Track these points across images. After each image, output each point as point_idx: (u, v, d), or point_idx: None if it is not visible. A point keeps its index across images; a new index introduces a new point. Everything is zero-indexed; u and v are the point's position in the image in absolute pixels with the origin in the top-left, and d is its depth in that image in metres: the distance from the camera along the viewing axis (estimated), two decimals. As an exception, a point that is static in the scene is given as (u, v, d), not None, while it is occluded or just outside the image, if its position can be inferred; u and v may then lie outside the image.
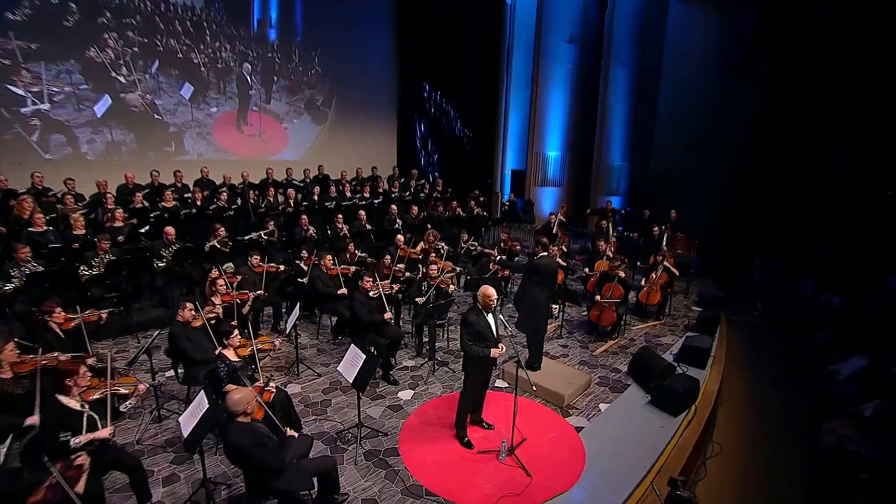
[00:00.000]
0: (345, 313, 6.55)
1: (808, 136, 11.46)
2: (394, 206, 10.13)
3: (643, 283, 8.01)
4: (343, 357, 4.42)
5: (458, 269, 7.87)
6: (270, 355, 4.47)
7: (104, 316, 4.75)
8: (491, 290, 4.21)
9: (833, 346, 7.72)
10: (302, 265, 7.29)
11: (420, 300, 6.18)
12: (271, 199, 9.43)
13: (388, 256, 7.31)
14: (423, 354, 6.36)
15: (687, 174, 13.90)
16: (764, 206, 12.85)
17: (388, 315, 5.65)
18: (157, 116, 10.57)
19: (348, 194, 10.66)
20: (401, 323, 7.10)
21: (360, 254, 8.05)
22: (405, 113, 14.54)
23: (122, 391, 3.59)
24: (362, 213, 9.58)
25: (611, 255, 8.51)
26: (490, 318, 4.29)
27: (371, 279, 5.79)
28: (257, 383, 3.92)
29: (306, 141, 13.17)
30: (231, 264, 7.72)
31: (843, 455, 5.40)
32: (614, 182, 14.64)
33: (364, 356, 4.17)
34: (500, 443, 4.50)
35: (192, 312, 4.56)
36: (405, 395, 5.36)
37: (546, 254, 5.68)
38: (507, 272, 7.81)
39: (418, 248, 8.87)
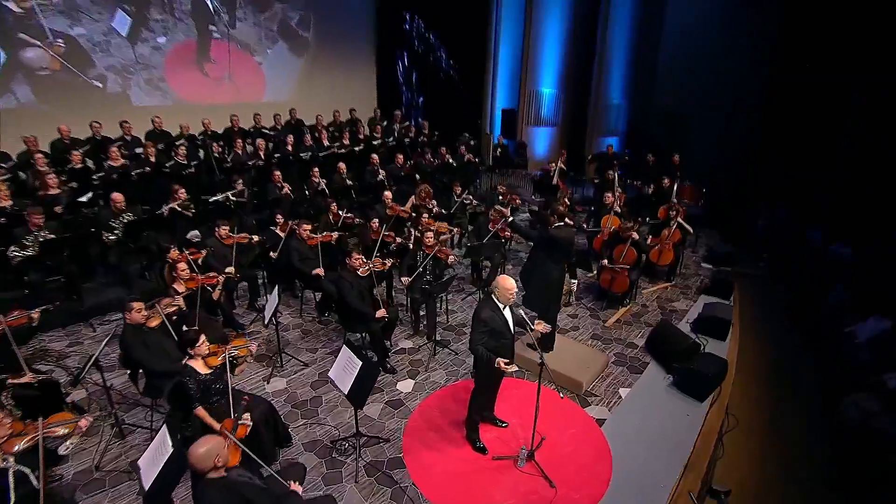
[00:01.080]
0: (330, 288, 5.81)
1: (827, 74, 10.56)
2: (375, 156, 9.10)
3: (650, 240, 7.30)
4: (333, 359, 3.76)
5: (453, 230, 7.09)
6: (248, 361, 3.79)
7: (35, 317, 3.90)
8: (511, 282, 3.50)
9: (848, 305, 7.40)
10: (277, 231, 6.44)
11: (406, 279, 5.47)
12: (239, 152, 8.27)
13: (375, 220, 6.45)
14: (420, 332, 5.75)
15: (691, 114, 12.98)
16: (774, 151, 12.16)
17: (380, 313, 4.91)
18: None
19: (326, 143, 9.53)
20: (393, 294, 6.40)
21: (343, 214, 7.16)
22: (385, 47, 12.93)
23: (60, 431, 2.87)
24: (342, 164, 8.56)
25: (619, 210, 7.84)
26: (507, 313, 3.62)
27: (360, 257, 4.99)
28: (227, 420, 3.23)
29: (286, 79, 11.51)
30: (197, 232, 6.82)
31: (869, 433, 5.15)
32: (612, 121, 13.68)
33: (360, 362, 3.49)
34: (515, 444, 4.02)
35: (143, 313, 3.74)
36: (405, 386, 4.79)
37: (563, 224, 4.95)
38: (508, 232, 7.07)
39: (408, 204, 8.01)
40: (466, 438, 4.07)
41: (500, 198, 8.33)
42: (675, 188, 8.51)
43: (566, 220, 5.15)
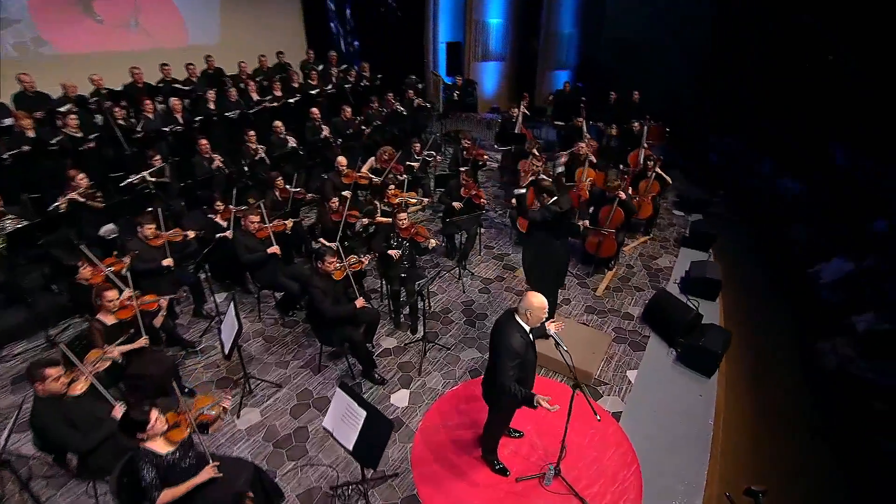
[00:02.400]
0: (291, 286, 4.98)
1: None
2: (315, 109, 7.84)
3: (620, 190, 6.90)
4: (308, 373, 3.10)
5: (424, 199, 6.29)
6: (222, 418, 3.02)
7: None
8: (543, 301, 2.90)
9: (810, 245, 7.61)
10: (218, 220, 5.35)
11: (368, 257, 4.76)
12: (150, 116, 6.72)
13: (334, 199, 5.48)
14: (402, 325, 5.13)
15: (643, 43, 12.44)
16: (723, 81, 12.03)
17: (360, 303, 4.19)
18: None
19: (255, 96, 8.06)
20: (364, 287, 5.64)
21: (292, 189, 6.11)
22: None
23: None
24: (279, 123, 7.27)
25: (594, 161, 7.36)
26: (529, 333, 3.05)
27: (333, 260, 4.13)
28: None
29: (209, 18, 9.43)
30: (112, 227, 5.55)
31: (848, 379, 5.33)
32: (563, 54, 12.84)
33: (364, 412, 2.84)
34: (535, 457, 3.67)
35: (62, 380, 2.79)
36: (399, 399, 4.22)
37: (556, 197, 4.36)
38: (484, 199, 6.39)
39: (365, 166, 7.02)
40: (483, 460, 3.65)
41: (465, 153, 7.54)
42: (645, 132, 8.08)
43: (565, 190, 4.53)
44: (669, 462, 3.70)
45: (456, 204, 6.20)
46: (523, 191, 5.01)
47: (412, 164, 7.29)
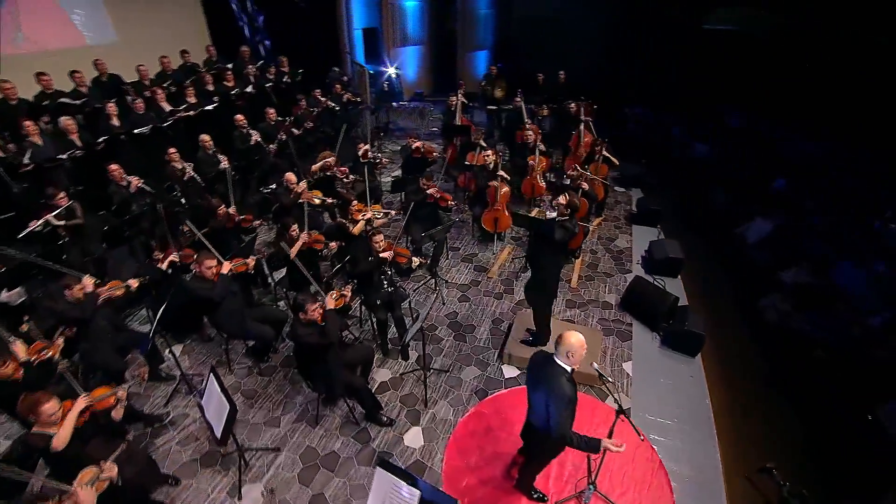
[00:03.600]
0: (265, 332, 4.45)
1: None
2: (240, 116, 7.02)
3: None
4: (306, 427, 2.76)
5: (391, 212, 5.90)
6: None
7: None
8: (581, 338, 2.77)
9: (731, 207, 8.32)
10: (160, 265, 4.60)
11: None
12: (37, 141, 5.52)
13: (294, 227, 4.91)
14: (390, 352, 4.83)
15: (552, 19, 12.66)
16: (629, 51, 12.68)
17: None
18: None
19: (166, 106, 6.98)
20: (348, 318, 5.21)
21: (235, 214, 5.44)
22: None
23: None
24: (206, 138, 6.40)
25: (543, 148, 7.40)
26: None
27: (317, 307, 3.64)
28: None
29: (93, 13, 7.84)
30: (19, 291, 4.58)
31: (789, 333, 5.95)
32: (481, 34, 12.69)
33: (417, 492, 2.55)
34: (567, 475, 3.66)
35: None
36: (413, 439, 3.98)
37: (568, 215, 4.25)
38: (451, 201, 6.15)
39: (315, 168, 6.47)
40: (519, 489, 3.56)
41: (412, 152, 7.19)
42: (582, 112, 8.25)
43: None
44: (683, 451, 3.88)
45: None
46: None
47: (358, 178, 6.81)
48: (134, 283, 4.27)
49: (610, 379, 3.03)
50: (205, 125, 6.97)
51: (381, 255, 4.50)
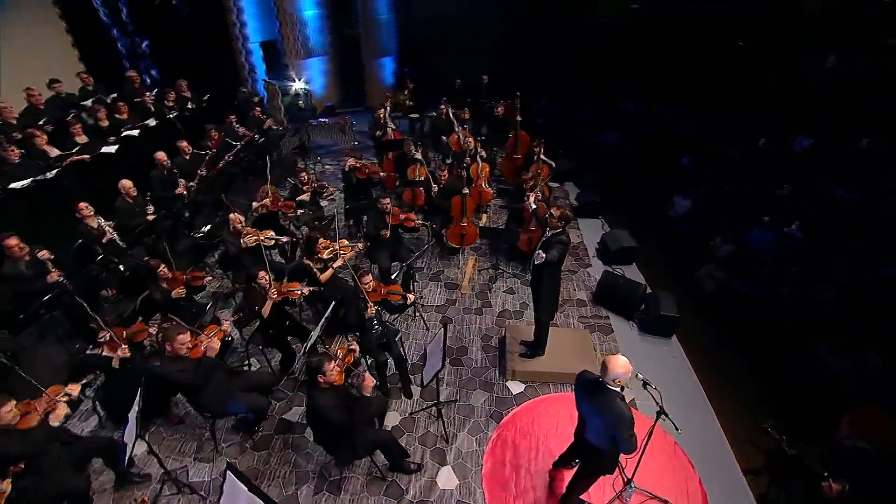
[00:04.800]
0: (257, 403, 4.00)
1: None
2: (161, 154, 6.21)
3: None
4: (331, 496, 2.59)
5: (357, 244, 5.57)
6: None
7: None
8: (626, 361, 2.83)
9: (649, 187, 9.13)
10: (106, 351, 3.91)
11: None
12: None
13: (262, 274, 4.44)
14: (391, 392, 4.60)
15: (455, 17, 12.88)
16: (530, 46, 13.33)
17: (370, 382, 3.57)
18: None
19: (51, 151, 5.91)
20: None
21: (185, 274, 4.80)
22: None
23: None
24: (128, 183, 5.56)
25: (484, 155, 7.49)
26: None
27: (332, 364, 3.31)
28: None
29: None
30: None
31: (727, 296, 6.71)
32: (385, 39, 12.47)
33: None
34: (602, 479, 3.78)
35: None
36: (446, 480, 3.84)
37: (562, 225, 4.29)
38: (416, 221, 5.96)
39: (259, 206, 5.92)
40: (564, 503, 3.61)
41: (355, 174, 6.89)
42: (517, 115, 8.48)
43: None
44: (689, 432, 4.20)
45: (384, 232, 5.66)
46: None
47: (302, 197, 6.39)
48: (75, 388, 3.56)
49: (654, 385, 3.14)
50: (104, 169, 6.07)
51: (370, 296, 4.25)
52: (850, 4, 11.20)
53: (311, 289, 4.68)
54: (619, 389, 2.87)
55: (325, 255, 5.07)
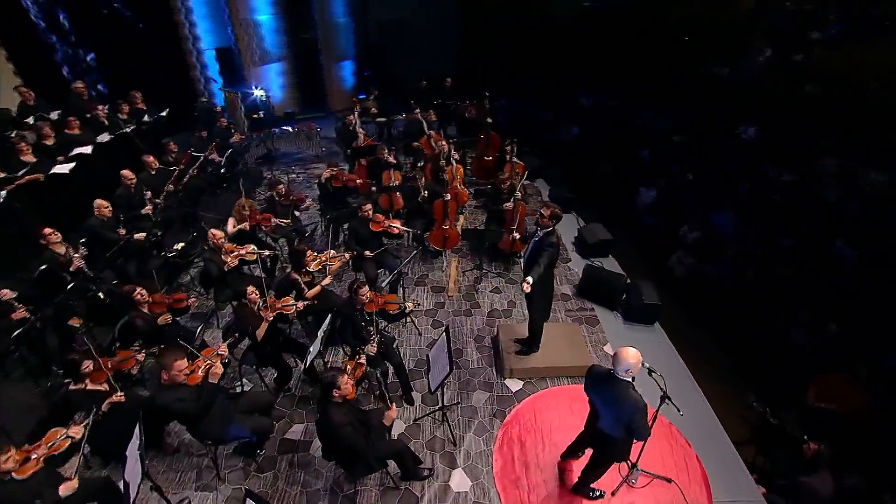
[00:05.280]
0: (260, 424, 3.90)
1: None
2: (127, 171, 5.91)
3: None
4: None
5: (345, 255, 5.49)
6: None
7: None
8: (636, 352, 2.96)
9: (615, 178, 9.51)
10: (91, 386, 3.70)
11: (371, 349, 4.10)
12: None
13: (252, 290, 4.30)
14: (391, 400, 4.58)
15: (411, 19, 12.91)
16: (485, 45, 13.53)
17: (393, 413, 3.57)
18: None
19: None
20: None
21: (167, 298, 4.59)
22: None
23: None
24: (103, 202, 5.26)
25: (458, 157, 7.56)
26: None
27: (344, 377, 3.27)
28: None
29: None
30: None
31: (699, 280, 7.12)
32: (343, 43, 12.32)
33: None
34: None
35: None
36: (459, 482, 3.88)
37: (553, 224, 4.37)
38: (397, 227, 5.93)
39: (229, 229, 5.72)
40: (579, 493, 3.74)
41: (334, 183, 6.80)
42: (487, 116, 8.61)
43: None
44: (683, 413, 4.45)
45: (367, 252, 5.61)
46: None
47: (282, 223, 6.21)
48: (78, 430, 3.36)
49: (658, 372, 3.30)
50: (58, 189, 5.72)
51: (368, 307, 4.24)
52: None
53: (305, 303, 4.59)
54: (630, 380, 3.00)
55: (314, 268, 4.99)
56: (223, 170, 7.43)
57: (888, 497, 4.10)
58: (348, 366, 3.78)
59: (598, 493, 3.74)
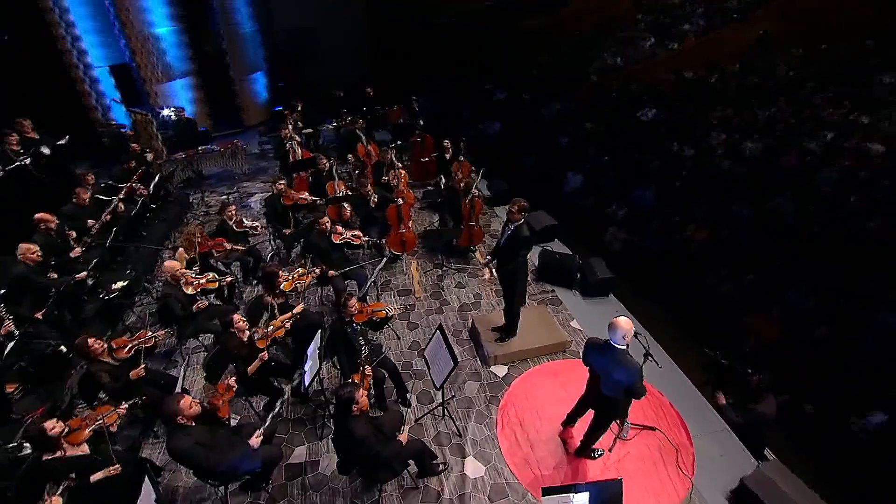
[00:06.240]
0: (273, 454, 3.80)
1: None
2: (47, 215, 5.32)
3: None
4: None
5: (316, 270, 5.37)
6: None
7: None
8: (628, 319, 3.36)
9: (541, 168, 10.16)
10: (68, 452, 3.38)
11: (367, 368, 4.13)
12: None
13: (238, 317, 4.13)
14: (390, 406, 4.68)
15: (317, 26, 12.72)
16: (392, 45, 13.72)
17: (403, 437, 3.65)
18: None
19: None
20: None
21: (130, 343, 4.25)
22: None
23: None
24: (29, 246, 4.66)
25: (398, 166, 7.67)
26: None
27: (360, 392, 3.29)
28: None
29: None
30: None
31: (635, 252, 7.89)
32: (252, 54, 11.83)
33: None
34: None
35: None
36: (473, 469, 4.08)
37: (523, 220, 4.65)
38: (360, 236, 5.91)
39: (177, 260, 5.37)
40: (582, 455, 4.11)
41: (283, 201, 6.60)
42: (418, 121, 8.78)
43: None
44: (651, 367, 5.03)
45: (331, 273, 5.52)
46: None
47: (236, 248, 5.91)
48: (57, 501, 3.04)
49: (642, 334, 3.73)
50: None
51: (357, 318, 4.28)
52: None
53: (291, 321, 4.48)
54: (625, 346, 3.40)
55: (287, 288, 4.89)
56: (153, 198, 6.87)
57: (809, 405, 5.00)
58: (356, 378, 3.80)
59: (599, 452, 4.15)
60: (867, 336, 5.41)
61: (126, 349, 4.18)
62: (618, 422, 4.26)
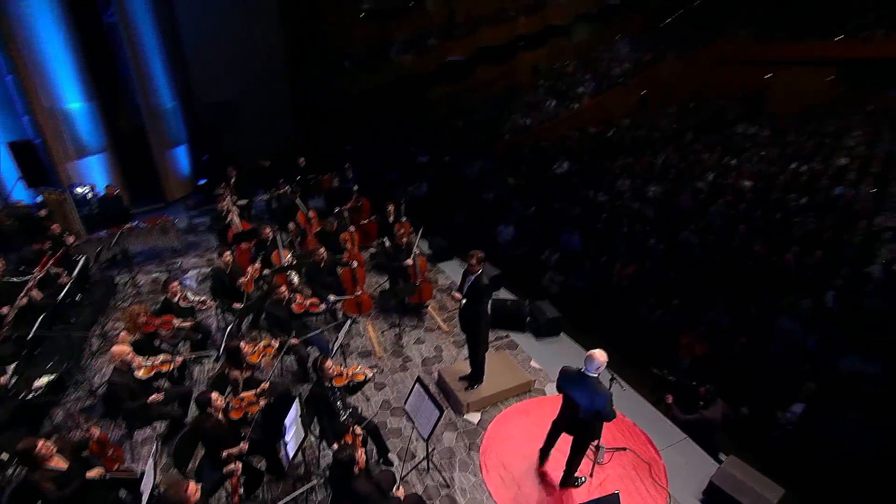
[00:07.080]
0: None
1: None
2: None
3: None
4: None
5: (283, 337, 5.21)
6: None
7: None
8: (602, 351, 3.78)
9: (478, 223, 10.80)
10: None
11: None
12: None
13: (217, 398, 3.91)
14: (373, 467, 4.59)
15: (237, 99, 12.86)
16: (310, 112, 14.25)
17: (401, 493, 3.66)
18: None
19: None
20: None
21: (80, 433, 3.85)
22: None
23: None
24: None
25: (347, 237, 7.83)
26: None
27: (360, 450, 3.30)
28: None
29: None
30: None
31: (572, 292, 8.54)
32: (173, 128, 11.59)
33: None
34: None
35: None
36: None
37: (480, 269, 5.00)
38: (317, 303, 5.88)
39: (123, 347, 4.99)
40: (566, 486, 4.29)
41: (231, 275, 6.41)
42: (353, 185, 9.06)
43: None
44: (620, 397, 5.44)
45: (293, 341, 5.43)
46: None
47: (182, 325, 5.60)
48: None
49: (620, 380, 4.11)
50: None
51: (337, 381, 4.28)
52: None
53: (262, 394, 4.32)
54: (597, 375, 3.76)
55: (255, 360, 4.74)
56: (77, 283, 6.34)
57: (745, 408, 5.66)
58: (348, 440, 3.74)
59: (582, 480, 4.37)
60: (773, 340, 6.34)
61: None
62: (593, 447, 4.55)
